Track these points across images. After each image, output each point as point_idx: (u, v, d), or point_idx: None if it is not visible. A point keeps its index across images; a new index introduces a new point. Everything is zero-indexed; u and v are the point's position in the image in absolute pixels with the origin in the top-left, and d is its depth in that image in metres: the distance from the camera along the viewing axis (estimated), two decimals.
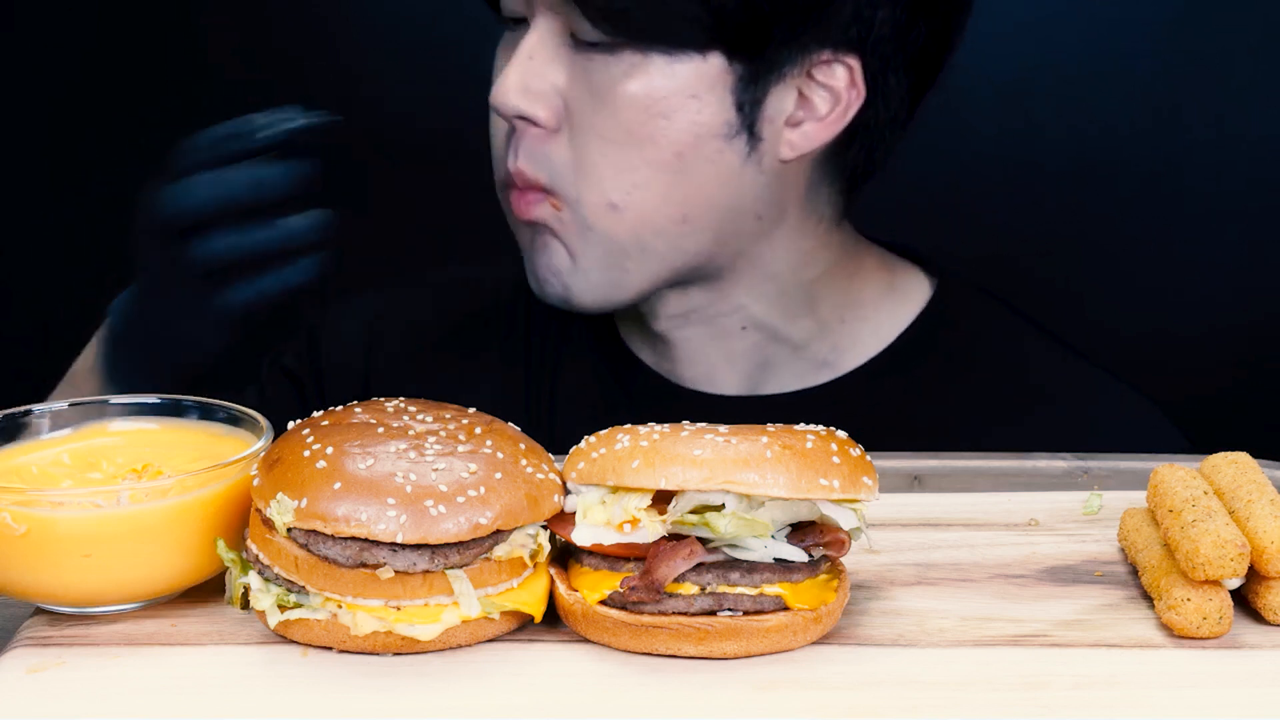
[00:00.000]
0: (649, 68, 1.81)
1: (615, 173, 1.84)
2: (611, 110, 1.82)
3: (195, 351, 2.03)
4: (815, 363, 2.01)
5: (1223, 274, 2.80)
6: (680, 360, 2.01)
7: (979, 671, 1.28)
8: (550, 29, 1.84)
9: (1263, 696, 1.25)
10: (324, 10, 2.87)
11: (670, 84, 1.82)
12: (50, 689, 1.26)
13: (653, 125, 1.83)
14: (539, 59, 1.84)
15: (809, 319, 1.99)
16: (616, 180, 1.84)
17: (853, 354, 2.02)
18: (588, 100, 1.84)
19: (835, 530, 1.33)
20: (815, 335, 2.00)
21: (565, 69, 1.84)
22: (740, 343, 1.99)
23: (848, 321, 2.01)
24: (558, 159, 1.86)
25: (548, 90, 1.84)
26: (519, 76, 1.84)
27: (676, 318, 1.98)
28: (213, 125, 2.37)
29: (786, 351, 2.00)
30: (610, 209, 1.85)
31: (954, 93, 2.66)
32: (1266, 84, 2.73)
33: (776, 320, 1.98)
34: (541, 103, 1.84)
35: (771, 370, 2.01)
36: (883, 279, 2.05)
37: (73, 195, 2.95)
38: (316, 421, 1.37)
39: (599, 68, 1.83)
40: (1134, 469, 1.69)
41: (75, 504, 1.32)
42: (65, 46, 2.86)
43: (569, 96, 1.84)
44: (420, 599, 1.29)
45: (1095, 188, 2.79)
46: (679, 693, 1.25)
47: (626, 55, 1.81)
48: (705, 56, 1.81)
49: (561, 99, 1.84)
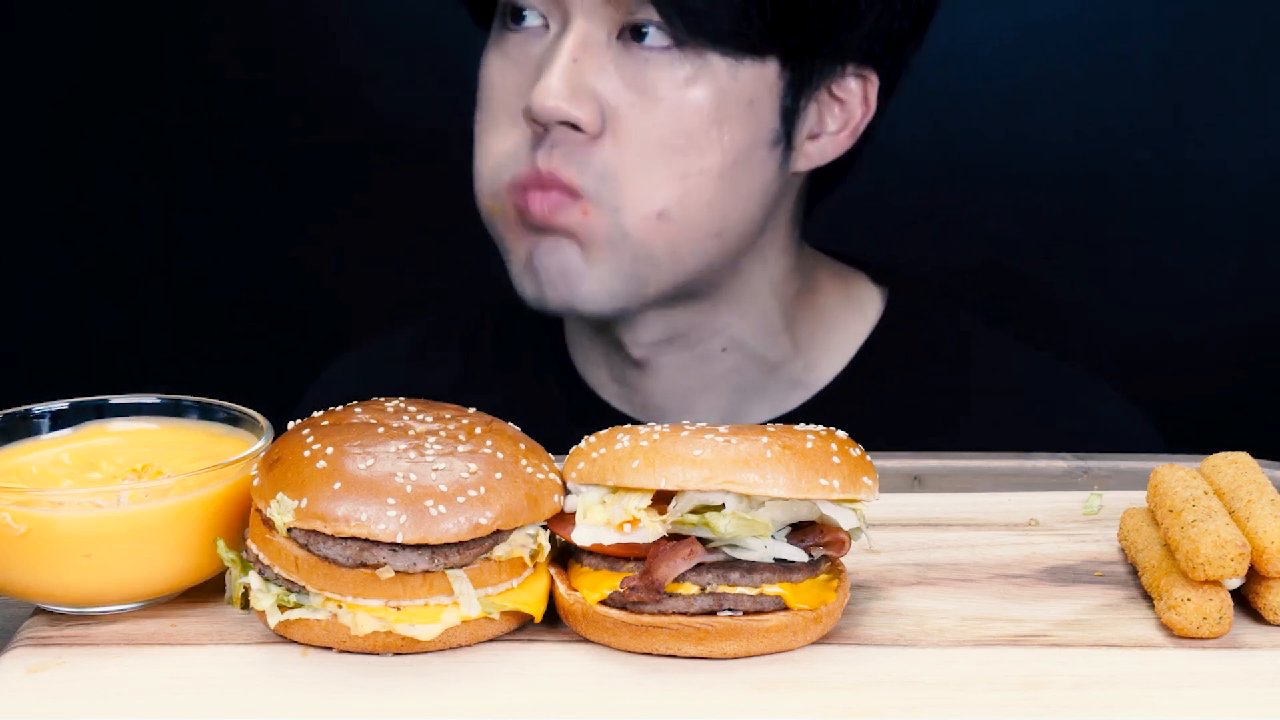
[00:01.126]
0: (713, 71, 1.77)
1: (668, 181, 1.78)
2: (670, 115, 1.77)
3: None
4: (790, 383, 1.99)
5: (1222, 275, 2.81)
6: (655, 392, 1.97)
7: (979, 671, 1.28)
8: (593, 30, 1.78)
9: (1263, 696, 1.25)
10: (324, 10, 2.87)
11: (733, 88, 1.78)
12: (50, 689, 1.26)
13: (714, 131, 1.78)
14: (584, 61, 1.77)
15: (785, 337, 1.98)
16: (669, 189, 1.79)
17: (821, 370, 2.00)
18: (640, 105, 1.78)
19: (835, 530, 1.33)
20: (790, 354, 1.99)
21: (614, 72, 1.78)
22: (720, 365, 1.96)
23: (816, 337, 2.00)
24: (598, 165, 1.79)
25: (592, 94, 1.78)
26: (563, 79, 1.77)
27: (660, 343, 1.94)
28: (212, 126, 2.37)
29: (763, 373, 1.98)
30: (658, 218, 1.79)
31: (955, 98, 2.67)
32: (1266, 87, 2.73)
33: (757, 340, 1.96)
34: (586, 107, 1.77)
35: (749, 395, 1.98)
36: (839, 290, 2.03)
37: (73, 195, 2.95)
38: (316, 421, 1.37)
39: (657, 71, 1.77)
40: (1134, 469, 1.69)
41: (75, 504, 1.32)
42: (65, 46, 2.86)
43: (617, 101, 1.78)
44: (420, 599, 1.29)
45: (1096, 190, 2.80)
46: (679, 693, 1.25)
47: (688, 58, 1.76)
48: (764, 61, 1.78)
49: (605, 103, 1.78)
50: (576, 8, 1.78)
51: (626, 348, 1.95)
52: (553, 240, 1.83)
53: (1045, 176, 2.80)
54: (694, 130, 1.78)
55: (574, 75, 1.77)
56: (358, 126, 2.89)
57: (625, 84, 1.78)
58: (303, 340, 2.95)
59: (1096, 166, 2.79)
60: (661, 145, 1.78)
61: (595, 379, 2.03)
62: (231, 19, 2.88)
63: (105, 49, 2.87)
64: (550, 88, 1.76)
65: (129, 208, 2.95)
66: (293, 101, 2.90)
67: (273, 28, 2.89)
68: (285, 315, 2.98)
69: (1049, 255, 2.83)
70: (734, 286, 1.92)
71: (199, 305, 2.99)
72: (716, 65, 1.77)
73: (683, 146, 1.78)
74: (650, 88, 1.78)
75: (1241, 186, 2.77)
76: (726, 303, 1.92)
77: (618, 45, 1.78)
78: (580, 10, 1.78)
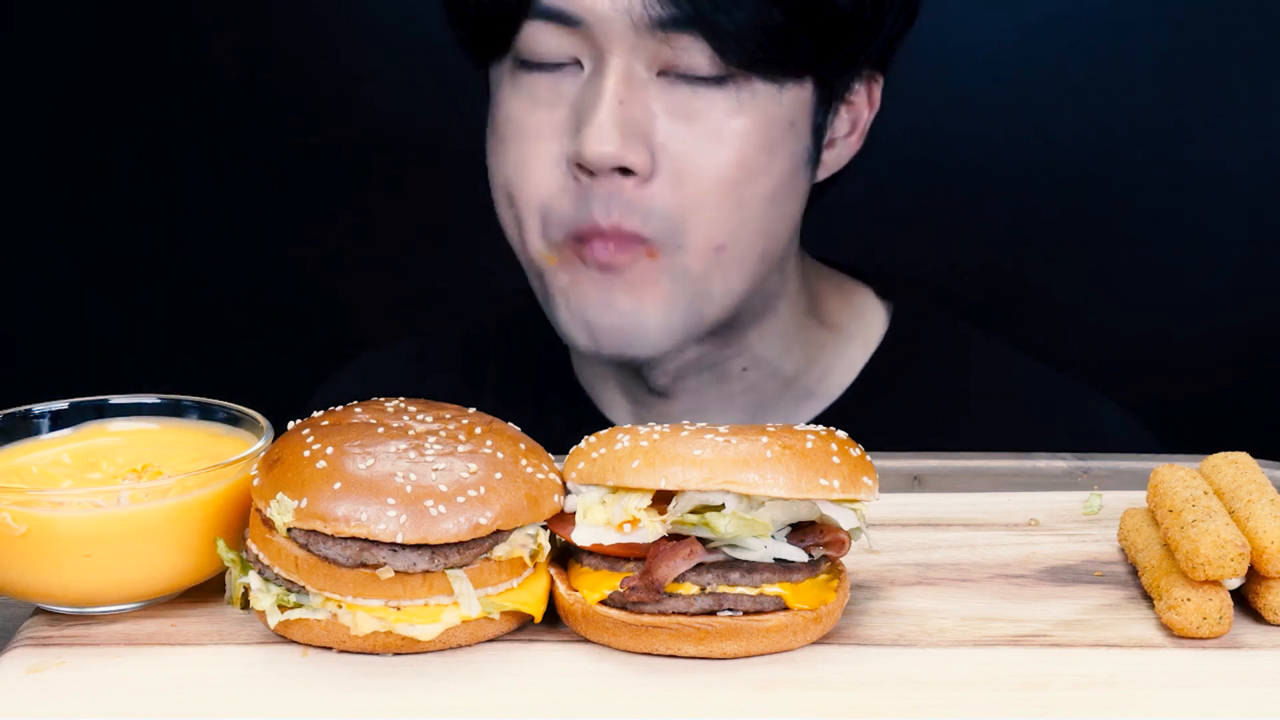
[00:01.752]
0: (760, 98, 1.74)
1: (724, 213, 1.75)
2: (723, 148, 1.73)
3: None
4: (803, 395, 1.99)
5: (1222, 275, 2.81)
6: (672, 414, 1.96)
7: (979, 671, 1.28)
8: (633, 68, 1.72)
9: (1263, 696, 1.25)
10: (324, 10, 2.87)
11: (778, 113, 1.75)
12: (50, 689, 1.26)
13: (763, 158, 1.75)
14: (630, 102, 1.72)
15: (799, 350, 1.97)
16: (725, 221, 1.75)
17: (833, 381, 2.00)
18: (691, 140, 1.73)
19: (835, 530, 1.33)
20: (804, 366, 1.98)
21: (660, 110, 1.73)
22: (739, 384, 1.95)
23: (826, 349, 2.00)
24: (657, 206, 1.74)
25: (641, 135, 1.72)
26: (613, 123, 1.71)
27: (686, 366, 1.91)
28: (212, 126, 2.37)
29: (779, 387, 1.97)
30: (716, 252, 1.76)
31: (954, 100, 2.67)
32: (1266, 88, 2.73)
33: (774, 355, 1.95)
34: (639, 150, 1.72)
35: (763, 410, 1.97)
36: (843, 301, 2.03)
37: (73, 195, 2.95)
38: (316, 421, 1.37)
39: (704, 104, 1.73)
40: (1134, 469, 1.69)
41: (75, 504, 1.32)
42: (65, 46, 2.86)
43: (666, 138, 1.73)
44: (420, 599, 1.29)
45: (1096, 192, 2.80)
46: (679, 693, 1.25)
47: (733, 88, 1.73)
48: (802, 83, 1.76)
49: (653, 142, 1.73)
50: (615, 46, 1.72)
51: (651, 379, 1.93)
52: (607, 290, 1.79)
53: (1045, 178, 2.80)
54: (747, 160, 1.75)
55: (623, 117, 1.71)
56: (358, 126, 2.89)
57: (675, 120, 1.74)
58: (303, 340, 2.95)
59: (1096, 167, 2.79)
60: (717, 179, 1.75)
61: (607, 402, 2.01)
62: (231, 19, 2.88)
63: (105, 49, 2.87)
64: (601, 133, 1.71)
65: (129, 208, 2.95)
66: (292, 101, 2.90)
67: (273, 28, 2.89)
68: (285, 315, 2.98)
69: (1049, 256, 2.83)
70: (758, 306, 1.90)
71: (199, 305, 2.99)
72: (761, 92, 1.74)
73: (738, 178, 1.75)
74: (699, 122, 1.74)
75: (1241, 187, 2.77)
76: (752, 323, 1.91)
77: (660, 81, 1.74)
78: (619, 49, 1.72)
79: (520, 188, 1.80)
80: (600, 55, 1.74)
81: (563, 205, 1.77)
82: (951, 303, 2.22)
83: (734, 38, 1.70)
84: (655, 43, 1.71)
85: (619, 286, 1.78)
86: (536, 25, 1.75)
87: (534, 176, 1.79)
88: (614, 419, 2.00)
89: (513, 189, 1.81)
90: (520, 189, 1.80)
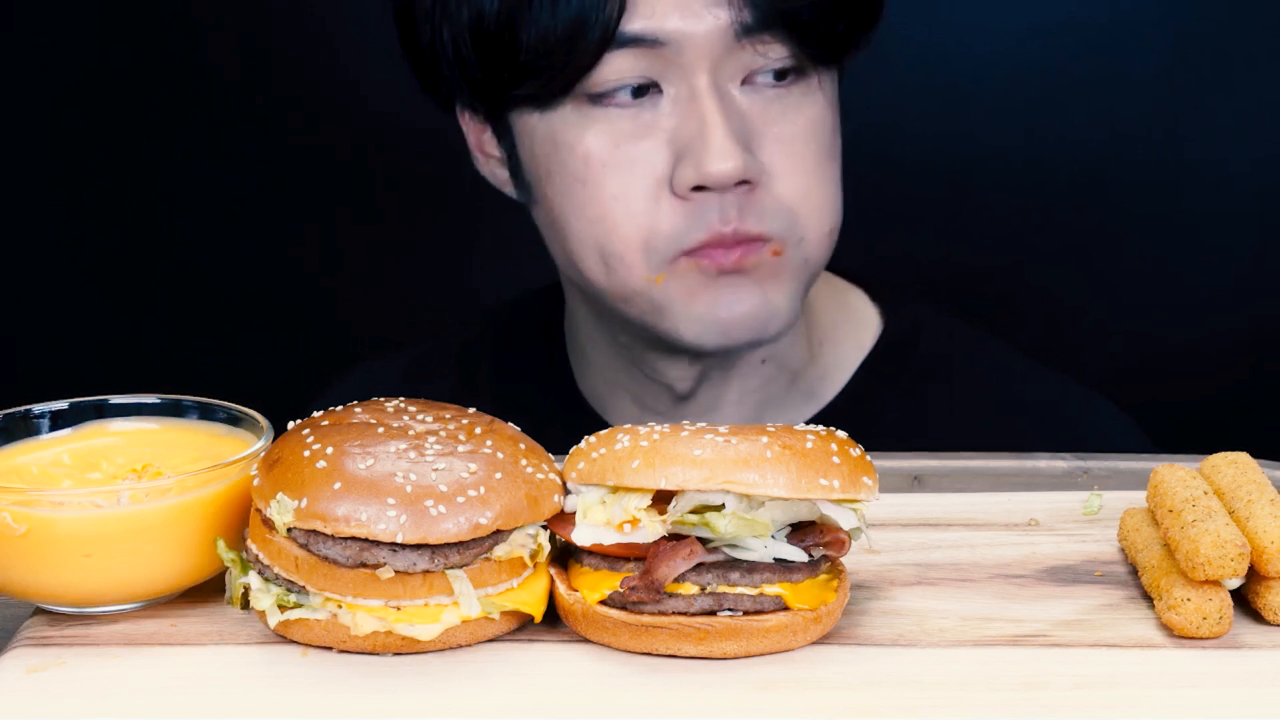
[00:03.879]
0: (826, 85, 1.80)
1: (829, 197, 1.80)
2: (811, 136, 1.77)
3: None
4: (805, 393, 1.99)
5: (1223, 276, 2.81)
6: (685, 414, 1.95)
7: (979, 671, 1.28)
8: (721, 81, 1.74)
9: (1263, 696, 1.25)
10: (324, 10, 2.87)
11: (834, 96, 1.82)
12: (50, 689, 1.26)
13: (836, 139, 1.82)
14: (733, 115, 1.73)
15: (804, 344, 1.98)
16: (833, 204, 1.81)
17: (830, 380, 2.00)
18: (784, 137, 1.76)
19: (835, 530, 1.33)
20: (808, 362, 1.99)
21: (754, 115, 1.75)
22: (755, 378, 1.95)
23: (825, 345, 2.00)
24: (773, 206, 1.76)
25: (748, 145, 1.74)
26: (731, 139, 1.71)
27: (711, 364, 1.91)
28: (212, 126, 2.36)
29: (787, 383, 1.98)
30: (829, 235, 1.82)
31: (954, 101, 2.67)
32: (1267, 89, 2.74)
33: (786, 348, 1.95)
34: (752, 159, 1.74)
35: (771, 408, 1.98)
36: (834, 299, 2.04)
37: (73, 195, 2.95)
38: (316, 421, 1.37)
39: (792, 101, 1.77)
40: (1134, 469, 1.69)
41: (75, 504, 1.32)
42: (65, 47, 2.86)
43: (766, 139, 1.75)
44: (420, 599, 1.29)
45: (1096, 193, 2.80)
46: (679, 693, 1.25)
47: (809, 79, 1.78)
48: (840, 66, 1.83)
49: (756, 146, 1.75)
50: (701, 65, 1.72)
51: (672, 383, 1.93)
52: (733, 288, 1.78)
53: (1045, 179, 2.80)
54: (829, 143, 1.80)
55: (732, 132, 1.72)
56: (358, 127, 2.89)
57: (769, 123, 1.76)
58: (303, 339, 2.95)
59: (1096, 169, 2.79)
60: (811, 168, 1.78)
61: (615, 410, 2.00)
62: (231, 19, 2.89)
63: (105, 50, 2.88)
64: (724, 150, 1.70)
65: (129, 208, 2.95)
66: (292, 102, 2.90)
67: (273, 29, 2.89)
68: (285, 315, 2.98)
69: (1049, 257, 2.83)
70: None
71: (199, 305, 2.99)
72: (825, 78, 1.80)
73: (826, 161, 1.80)
74: (791, 118, 1.77)
75: (1242, 188, 2.77)
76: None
77: (745, 89, 1.76)
78: (705, 67, 1.72)
79: (618, 224, 1.76)
80: (686, 75, 1.73)
81: (669, 228, 1.76)
82: (950, 304, 2.22)
83: (814, 30, 1.74)
84: (738, 51, 1.73)
85: (742, 283, 1.78)
86: (615, 55, 1.72)
87: (633, 210, 1.76)
88: (613, 423, 2.00)
89: (607, 228, 1.77)
90: (618, 226, 1.76)
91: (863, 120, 2.04)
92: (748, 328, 1.80)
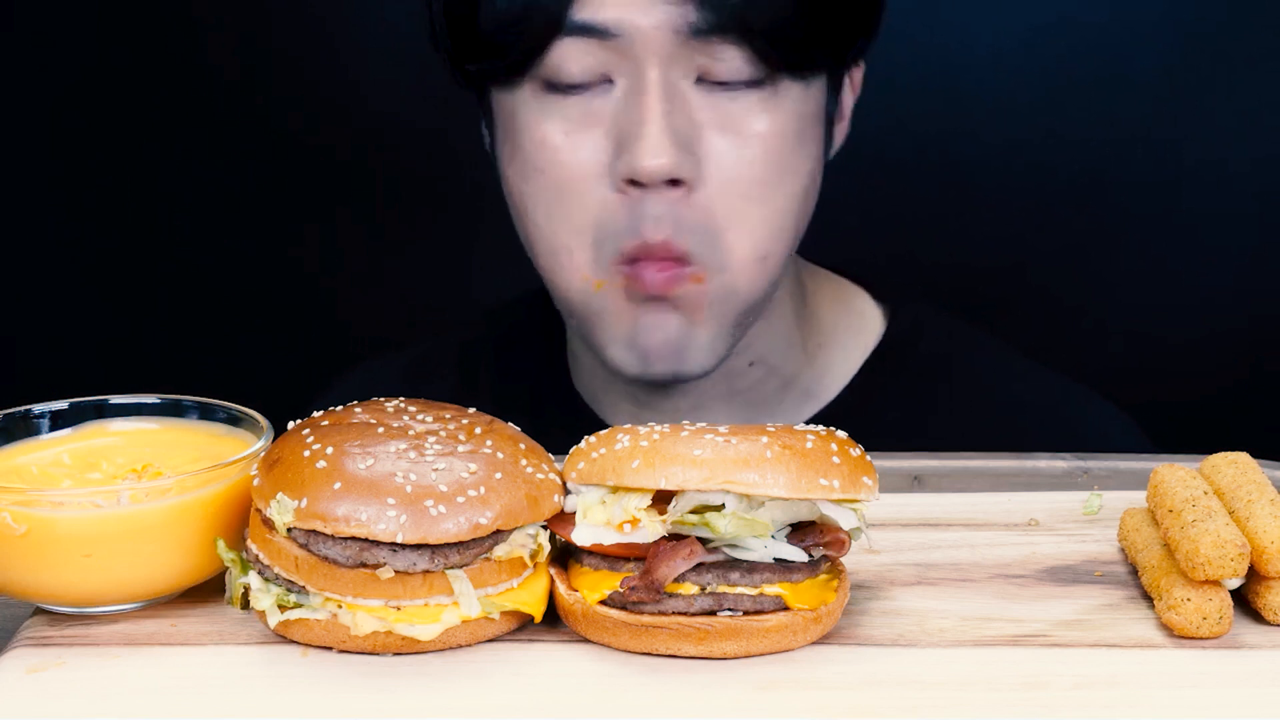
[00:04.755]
0: (791, 97, 1.74)
1: (764, 219, 1.75)
2: (761, 150, 1.73)
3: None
4: (802, 394, 1.99)
5: (1222, 276, 2.81)
6: (678, 412, 1.96)
7: (979, 671, 1.28)
8: (671, 79, 1.72)
9: (1263, 696, 1.25)
10: (324, 10, 2.87)
11: (805, 110, 1.76)
12: (50, 689, 1.26)
13: (796, 156, 1.76)
14: (674, 113, 1.72)
15: (799, 348, 1.98)
16: (767, 228, 1.76)
17: (829, 382, 2.00)
18: (731, 145, 1.73)
19: (835, 530, 1.33)
20: (803, 365, 1.99)
21: (700, 118, 1.73)
22: (744, 381, 1.95)
23: (824, 347, 2.00)
24: (699, 222, 1.74)
25: (687, 144, 1.72)
26: (665, 135, 1.70)
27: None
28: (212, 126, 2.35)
29: (780, 385, 1.98)
30: (760, 263, 1.76)
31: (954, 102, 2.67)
32: (1267, 92, 2.74)
33: (777, 352, 1.95)
34: (689, 159, 1.72)
35: (765, 410, 1.98)
36: (838, 301, 2.03)
37: (73, 195, 2.95)
38: (316, 421, 1.37)
39: (741, 108, 1.73)
40: (1134, 469, 1.69)
41: (75, 504, 1.32)
42: (65, 47, 2.86)
43: (709, 146, 1.73)
44: (420, 599, 1.29)
45: (1096, 193, 2.80)
46: (679, 693, 1.25)
47: (767, 90, 1.73)
48: (820, 77, 1.77)
49: (697, 150, 1.73)
50: (652, 60, 1.71)
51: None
52: (657, 312, 1.78)
53: (1045, 179, 2.80)
54: (782, 160, 1.75)
55: (670, 129, 1.71)
56: (358, 127, 2.89)
57: (715, 128, 1.73)
58: (303, 339, 2.95)
59: (1096, 169, 2.79)
60: (755, 182, 1.74)
61: (609, 406, 2.01)
62: (231, 19, 2.88)
63: (105, 49, 2.87)
64: (655, 147, 1.70)
65: (129, 208, 2.95)
66: (292, 102, 2.90)
67: (273, 29, 2.89)
68: (285, 315, 2.98)
69: (1049, 257, 2.83)
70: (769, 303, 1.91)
71: (199, 305, 2.99)
72: (791, 90, 1.75)
73: (774, 179, 1.75)
74: (739, 126, 1.74)
75: (1241, 188, 2.77)
76: (760, 320, 1.91)
77: (697, 89, 1.73)
78: (656, 62, 1.72)
79: (567, 212, 1.78)
80: (636, 68, 1.73)
81: (614, 222, 1.76)
82: (951, 304, 2.22)
83: (770, 39, 1.70)
84: (692, 51, 1.71)
85: (666, 312, 1.78)
86: (567, 43, 1.73)
87: (582, 199, 1.77)
88: (611, 423, 2.00)
89: (556, 215, 1.78)
90: (567, 214, 1.78)
91: (863, 120, 2.04)
92: (664, 358, 1.79)
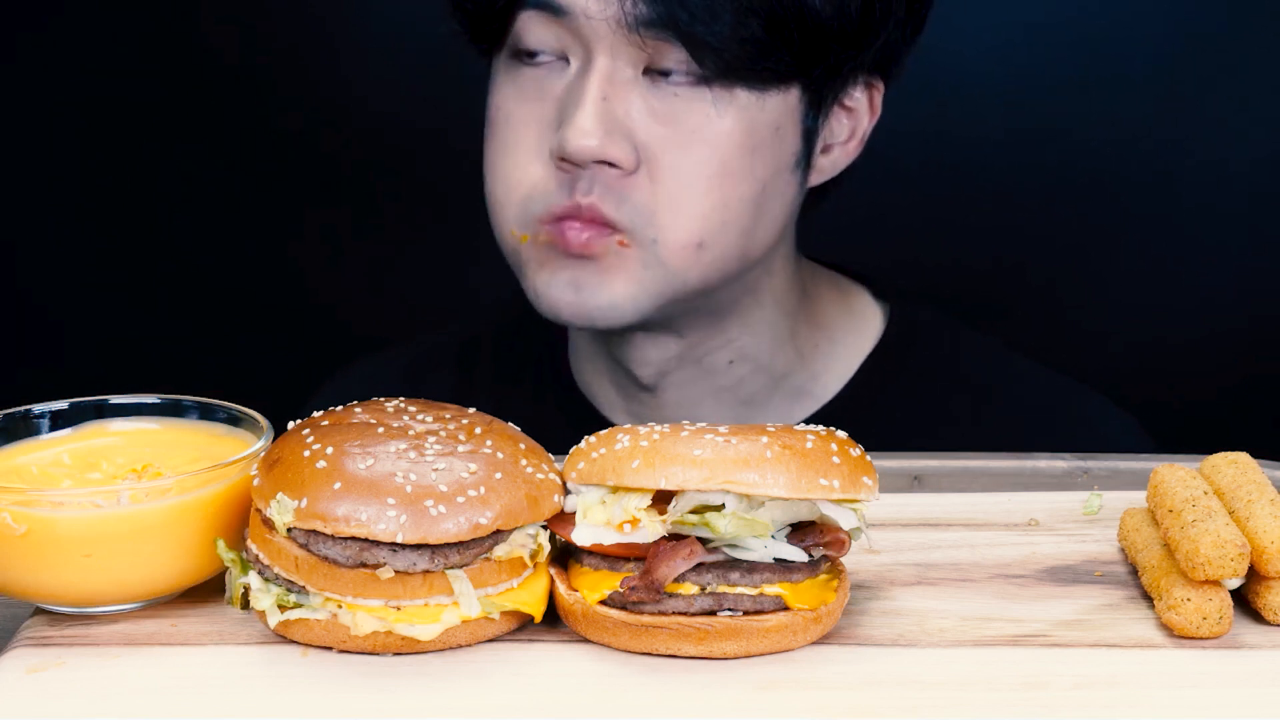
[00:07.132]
0: (741, 103, 1.76)
1: (704, 212, 1.78)
2: (705, 148, 1.76)
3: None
4: (795, 393, 1.99)
5: (1222, 276, 2.81)
6: (665, 408, 1.97)
7: (979, 671, 1.28)
8: (617, 66, 1.75)
9: (1263, 696, 1.25)
10: (324, 10, 2.87)
11: (761, 118, 1.77)
12: (50, 689, 1.26)
13: (745, 161, 1.78)
14: (614, 99, 1.75)
15: (790, 347, 1.98)
16: (705, 219, 1.78)
17: (827, 381, 2.01)
18: (674, 139, 1.76)
19: (835, 530, 1.33)
20: (795, 364, 1.99)
21: (643, 108, 1.76)
22: (727, 378, 1.96)
23: (820, 347, 2.00)
24: (637, 199, 1.77)
25: (625, 131, 1.75)
26: (595, 119, 1.74)
27: (668, 362, 1.94)
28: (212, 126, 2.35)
29: (769, 385, 1.98)
30: (696, 249, 1.78)
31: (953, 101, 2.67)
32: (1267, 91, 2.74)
33: (762, 351, 1.96)
34: (621, 145, 1.75)
35: (756, 407, 1.98)
36: (839, 300, 2.04)
37: (72, 195, 2.96)
38: (316, 421, 1.37)
39: (685, 105, 1.76)
40: (1134, 469, 1.69)
41: (75, 504, 1.32)
42: (66, 48, 2.86)
43: (649, 136, 1.76)
44: (420, 599, 1.29)
45: (1096, 193, 2.80)
46: (679, 693, 1.25)
47: (716, 92, 1.75)
48: (788, 89, 1.78)
49: (637, 139, 1.76)
50: (600, 45, 1.75)
51: (633, 370, 1.95)
52: (577, 268, 1.81)
53: (1045, 180, 2.80)
54: (728, 161, 1.77)
55: (605, 113, 1.74)
56: (358, 126, 2.89)
57: (656, 120, 1.76)
58: (303, 339, 2.95)
59: (1096, 169, 2.79)
60: (698, 177, 1.77)
61: (604, 399, 2.02)
62: (232, 19, 2.89)
63: (106, 50, 2.88)
64: (584, 128, 1.74)
65: (129, 208, 2.95)
66: (292, 102, 2.90)
67: (273, 29, 2.89)
68: (285, 315, 2.98)
69: (1049, 257, 2.83)
70: (740, 300, 1.91)
71: (199, 305, 2.99)
72: (743, 97, 1.76)
73: (718, 178, 1.77)
74: (681, 122, 1.76)
75: (1241, 189, 2.77)
76: (733, 316, 1.92)
77: (644, 81, 1.76)
78: (604, 48, 1.75)
79: (506, 174, 1.83)
80: (587, 51, 1.77)
81: (545, 193, 1.80)
82: (951, 304, 2.22)
83: (711, 48, 1.72)
84: (636, 41, 1.74)
85: (590, 268, 1.80)
86: (529, 15, 1.79)
87: (519, 165, 1.82)
88: (610, 417, 2.01)
89: (497, 174, 1.85)
90: (506, 175, 1.83)
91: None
92: (575, 311, 1.82)
